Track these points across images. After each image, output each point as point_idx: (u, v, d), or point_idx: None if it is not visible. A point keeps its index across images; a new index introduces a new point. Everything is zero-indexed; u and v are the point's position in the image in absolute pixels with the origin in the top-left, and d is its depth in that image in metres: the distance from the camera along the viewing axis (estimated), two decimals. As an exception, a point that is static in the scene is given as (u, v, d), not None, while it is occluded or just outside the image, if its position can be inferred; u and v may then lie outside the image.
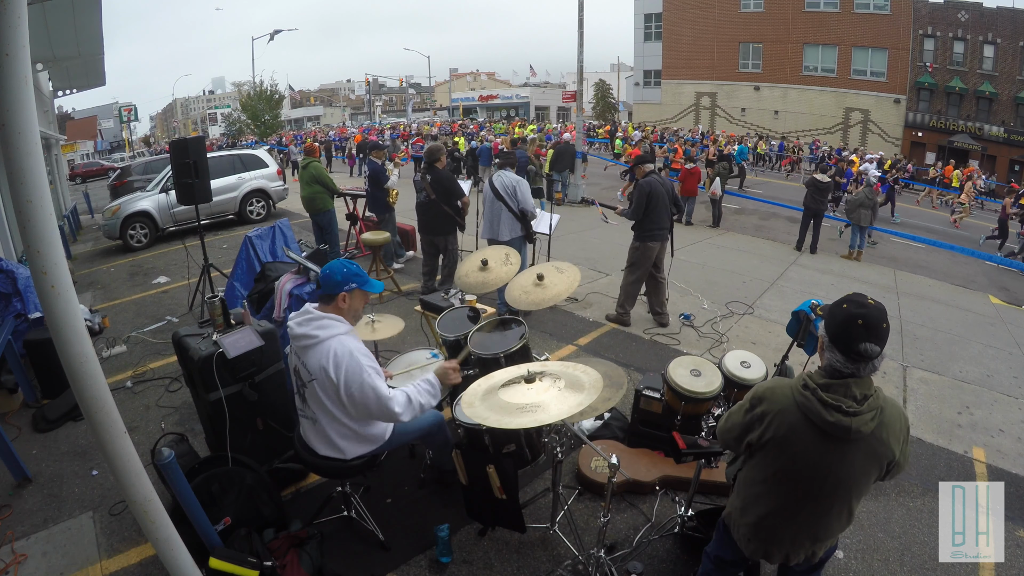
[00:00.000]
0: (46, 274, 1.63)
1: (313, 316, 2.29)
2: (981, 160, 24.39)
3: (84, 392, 1.73)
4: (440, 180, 5.47)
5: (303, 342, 2.27)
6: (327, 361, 2.20)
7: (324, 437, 2.38)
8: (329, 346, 2.22)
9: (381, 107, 65.31)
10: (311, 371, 2.26)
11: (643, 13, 34.01)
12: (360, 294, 2.34)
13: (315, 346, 2.24)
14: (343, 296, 2.29)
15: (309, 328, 2.26)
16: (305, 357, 2.28)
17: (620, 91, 46.31)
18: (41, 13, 6.95)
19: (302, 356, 2.30)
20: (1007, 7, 23.81)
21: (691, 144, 21.49)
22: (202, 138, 7.82)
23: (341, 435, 2.37)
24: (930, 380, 4.84)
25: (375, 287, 2.39)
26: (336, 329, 2.26)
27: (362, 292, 2.35)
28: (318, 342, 2.23)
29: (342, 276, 2.29)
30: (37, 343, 4.18)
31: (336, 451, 2.40)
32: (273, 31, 34.62)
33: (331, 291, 2.30)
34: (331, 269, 2.32)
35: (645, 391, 3.22)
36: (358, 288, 2.32)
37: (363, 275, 2.35)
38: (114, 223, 9.34)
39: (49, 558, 2.71)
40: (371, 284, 2.37)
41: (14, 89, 1.51)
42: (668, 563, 2.66)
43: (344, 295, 2.29)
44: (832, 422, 1.56)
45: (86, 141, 39.39)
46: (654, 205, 5.11)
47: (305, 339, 2.26)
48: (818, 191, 9.45)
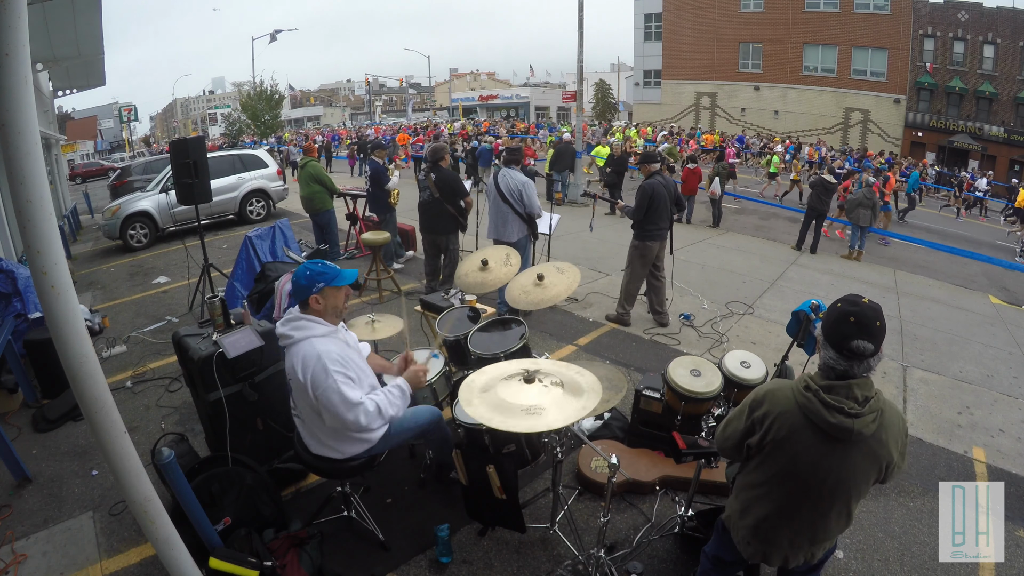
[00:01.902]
0: (46, 274, 1.63)
1: (292, 317, 2.33)
2: (981, 160, 24.39)
3: (84, 392, 1.73)
4: (445, 179, 5.44)
5: (282, 342, 2.32)
6: (296, 362, 2.23)
7: (314, 436, 2.40)
8: (300, 348, 2.24)
9: (381, 107, 65.32)
10: (287, 371, 2.32)
11: (643, 13, 33.99)
12: (331, 291, 2.32)
13: (290, 347, 2.29)
14: (315, 298, 2.30)
15: (287, 328, 2.30)
16: (285, 357, 2.33)
17: (620, 91, 46.35)
18: (41, 13, 6.96)
19: (284, 356, 2.35)
20: (1007, 7, 23.81)
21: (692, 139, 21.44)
22: (202, 138, 7.82)
23: (330, 434, 2.37)
24: (930, 380, 4.84)
25: (346, 279, 2.34)
26: (311, 331, 2.27)
27: (333, 288, 2.32)
28: (293, 343, 2.27)
29: (307, 280, 2.29)
30: (37, 343, 4.18)
31: (330, 450, 2.40)
32: (273, 31, 34.63)
33: (302, 296, 2.31)
34: (296, 275, 2.33)
35: (645, 391, 3.21)
36: (326, 286, 2.30)
37: (329, 272, 2.31)
38: (114, 223, 9.34)
39: (49, 558, 2.70)
40: (340, 278, 2.33)
41: (14, 89, 1.51)
42: (668, 563, 2.65)
43: (315, 297, 2.29)
44: (834, 423, 1.56)
45: (86, 141, 39.34)
46: (655, 206, 5.11)
47: (283, 339, 2.31)
48: (825, 192, 9.38)
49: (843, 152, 22.54)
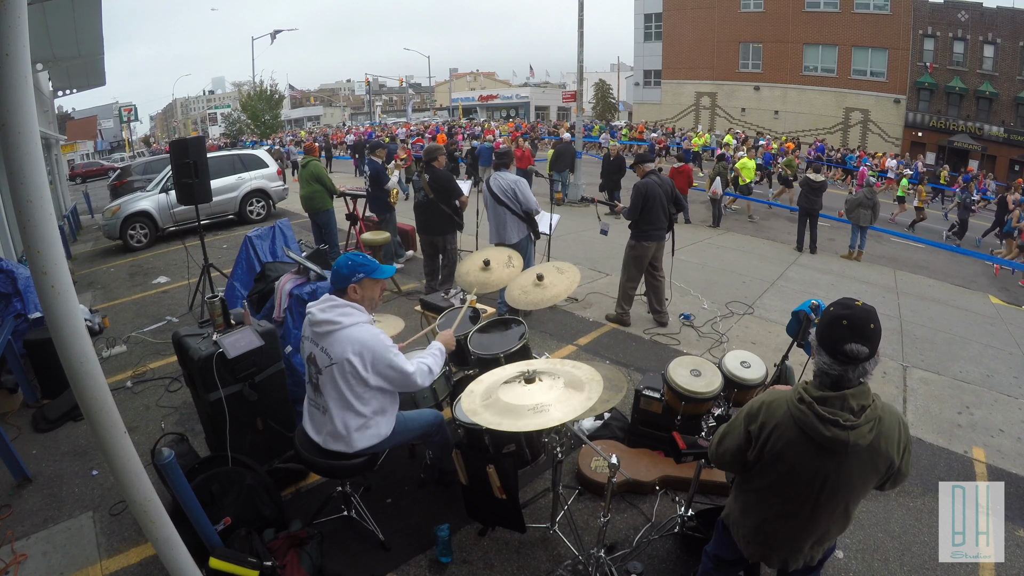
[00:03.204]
0: (46, 274, 1.63)
1: (337, 303, 2.35)
2: (981, 160, 24.39)
3: (84, 392, 1.73)
4: (438, 179, 5.45)
5: (325, 327, 2.32)
6: (347, 346, 2.28)
7: (332, 428, 2.39)
8: (351, 332, 2.30)
9: (381, 107, 65.31)
10: (332, 356, 2.30)
11: (643, 13, 33.99)
12: (370, 283, 2.41)
13: (337, 332, 2.30)
14: (353, 287, 2.37)
15: (332, 314, 2.31)
16: (326, 343, 2.32)
17: (620, 91, 46.35)
18: (41, 13, 6.96)
19: (321, 342, 2.34)
20: (1007, 7, 23.82)
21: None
22: (202, 138, 7.82)
23: (351, 426, 2.38)
24: (930, 380, 4.84)
25: (385, 272, 2.46)
26: (358, 317, 2.35)
27: (372, 280, 2.41)
28: (341, 328, 2.30)
29: (348, 269, 2.38)
30: (37, 343, 4.18)
31: (342, 443, 2.40)
32: (273, 31, 34.69)
33: (341, 285, 2.38)
34: (337, 264, 2.42)
35: (645, 391, 3.21)
36: (366, 277, 2.39)
37: (369, 264, 2.41)
38: (114, 223, 9.34)
39: (49, 558, 2.71)
40: (380, 271, 2.44)
41: (14, 89, 1.51)
42: (668, 563, 2.66)
43: (354, 286, 2.37)
44: (829, 436, 1.55)
45: (86, 141, 39.34)
46: (650, 206, 5.12)
47: (328, 324, 2.31)
48: (812, 190, 9.47)
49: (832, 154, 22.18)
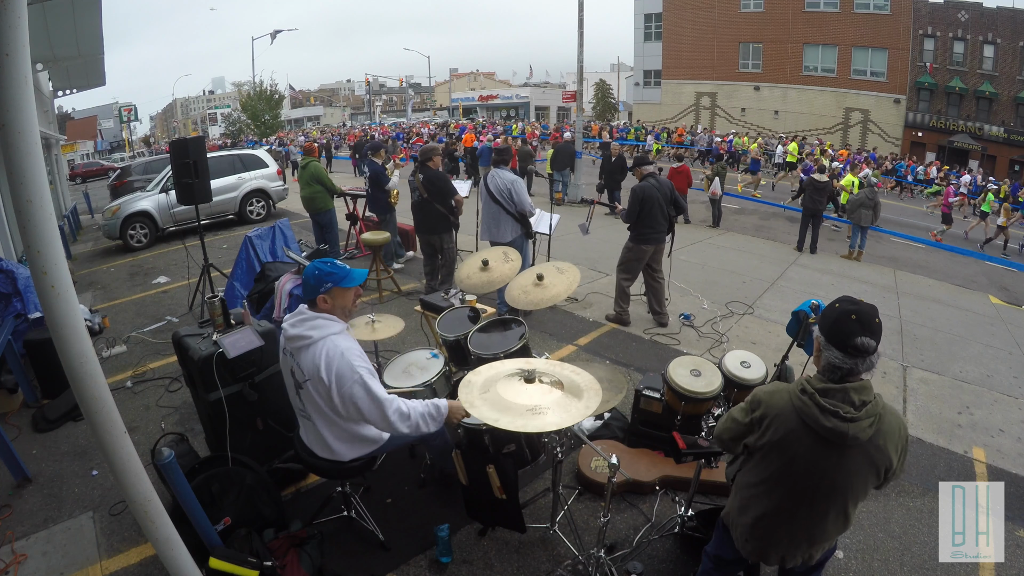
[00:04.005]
0: (46, 274, 1.63)
1: (306, 316, 2.29)
2: (981, 160, 24.39)
3: (84, 392, 1.73)
4: (432, 179, 5.45)
5: (297, 343, 2.26)
6: (320, 361, 2.19)
7: (319, 439, 2.38)
8: (321, 347, 2.21)
9: (381, 107, 65.32)
10: (305, 372, 2.25)
11: (643, 13, 33.98)
12: (340, 291, 2.30)
13: (308, 347, 2.24)
14: (323, 298, 2.28)
15: (302, 329, 2.25)
16: (299, 358, 2.27)
17: (620, 91, 46.33)
18: (41, 13, 6.97)
19: (296, 357, 2.29)
20: (1007, 7, 23.81)
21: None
22: (202, 138, 7.83)
23: (336, 437, 2.36)
24: (930, 380, 4.84)
25: (354, 279, 2.33)
26: (328, 329, 2.25)
27: (341, 289, 2.29)
28: (311, 343, 2.23)
29: (315, 280, 2.27)
30: (37, 343, 4.18)
31: (331, 453, 2.39)
32: (273, 31, 34.65)
33: (310, 295, 2.30)
34: (305, 274, 2.32)
35: (645, 391, 3.22)
36: (335, 286, 2.28)
37: (337, 272, 2.30)
38: (114, 223, 9.34)
39: (49, 558, 2.70)
40: (349, 278, 2.31)
41: (14, 89, 1.51)
42: (668, 563, 2.65)
43: (323, 296, 2.28)
44: (829, 427, 1.56)
45: (86, 141, 39.42)
46: (647, 209, 5.13)
47: (299, 340, 2.25)
48: (816, 191, 9.46)
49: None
